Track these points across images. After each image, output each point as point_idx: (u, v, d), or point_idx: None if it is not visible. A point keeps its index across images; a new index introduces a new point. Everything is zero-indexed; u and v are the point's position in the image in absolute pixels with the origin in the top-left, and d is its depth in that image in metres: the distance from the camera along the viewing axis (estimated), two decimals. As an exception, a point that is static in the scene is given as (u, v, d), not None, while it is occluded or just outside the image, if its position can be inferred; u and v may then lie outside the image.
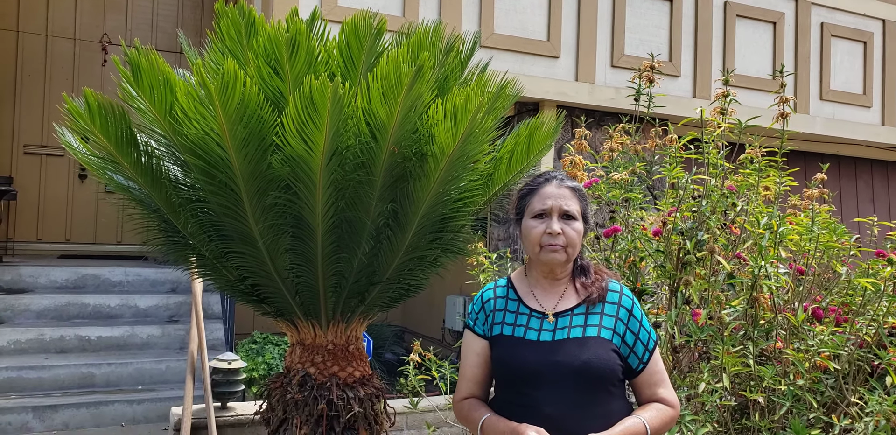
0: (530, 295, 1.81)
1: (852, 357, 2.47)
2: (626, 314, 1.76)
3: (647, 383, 1.76)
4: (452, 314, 6.99)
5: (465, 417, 1.80)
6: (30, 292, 5.60)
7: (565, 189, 1.76)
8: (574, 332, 1.71)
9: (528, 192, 1.80)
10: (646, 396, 1.76)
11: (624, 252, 2.77)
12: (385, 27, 2.46)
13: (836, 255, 2.81)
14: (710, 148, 2.67)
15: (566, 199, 1.74)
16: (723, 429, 2.48)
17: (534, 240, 1.73)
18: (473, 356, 1.82)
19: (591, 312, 1.74)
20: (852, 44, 7.22)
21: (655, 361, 1.77)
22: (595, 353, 1.67)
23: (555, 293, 1.79)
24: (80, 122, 2.24)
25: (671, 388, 1.78)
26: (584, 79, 5.90)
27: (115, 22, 8.16)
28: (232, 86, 1.97)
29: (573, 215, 1.73)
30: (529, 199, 1.78)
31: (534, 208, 1.75)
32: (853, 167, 7.82)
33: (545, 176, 1.82)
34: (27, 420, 4.36)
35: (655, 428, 1.66)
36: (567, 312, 1.75)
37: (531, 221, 1.75)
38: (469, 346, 1.84)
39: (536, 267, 1.81)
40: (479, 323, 1.83)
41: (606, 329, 1.72)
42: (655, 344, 1.78)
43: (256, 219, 2.31)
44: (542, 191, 1.76)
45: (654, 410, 1.70)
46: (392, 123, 2.12)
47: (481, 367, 1.82)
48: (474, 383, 1.83)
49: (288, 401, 2.62)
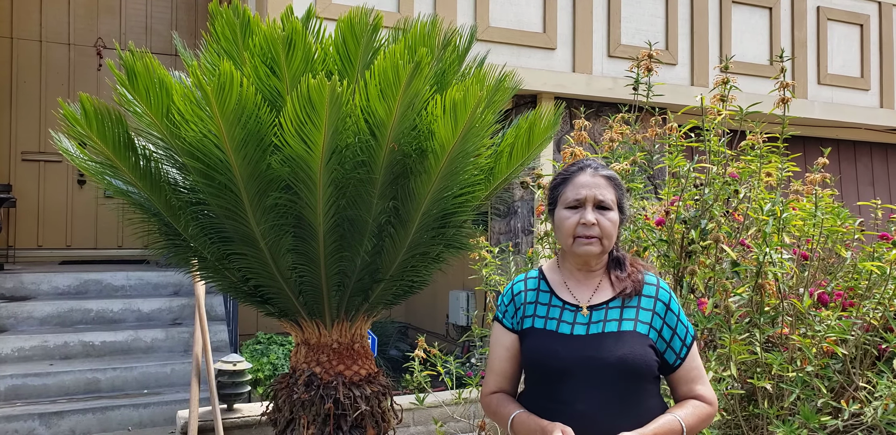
0: (563, 287, 1.74)
1: (859, 341, 2.46)
2: (664, 308, 1.70)
3: (684, 379, 1.69)
4: (456, 309, 6.99)
5: (494, 413, 1.75)
6: (32, 299, 5.60)
7: (600, 178, 1.69)
8: (609, 326, 1.65)
9: (562, 181, 1.72)
10: (682, 393, 1.70)
11: (627, 242, 2.76)
12: (381, 23, 2.44)
13: (840, 239, 2.80)
14: (710, 136, 2.65)
15: (601, 189, 1.67)
16: (731, 417, 2.48)
17: (567, 231, 1.66)
18: (502, 350, 1.77)
19: (626, 306, 1.68)
20: (849, 27, 7.19)
21: (693, 356, 1.70)
22: (631, 348, 1.61)
23: (589, 285, 1.73)
24: (76, 127, 2.23)
25: (709, 384, 1.72)
26: (581, 70, 5.88)
27: (109, 26, 8.14)
28: (229, 87, 1.95)
29: (608, 205, 1.66)
30: (563, 189, 1.71)
31: (567, 198, 1.68)
32: (852, 151, 7.81)
33: (579, 164, 1.74)
34: (34, 427, 4.36)
35: (691, 425, 1.59)
36: (602, 305, 1.69)
37: (564, 211, 1.68)
38: (498, 339, 1.79)
39: (570, 258, 1.74)
40: (509, 316, 1.77)
41: (643, 323, 1.66)
42: (693, 339, 1.72)
43: (258, 220, 2.30)
44: (576, 180, 1.69)
45: (691, 408, 1.63)
46: (391, 120, 2.11)
47: (510, 361, 1.77)
48: (503, 378, 1.78)
49: (294, 401, 2.62)
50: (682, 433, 1.57)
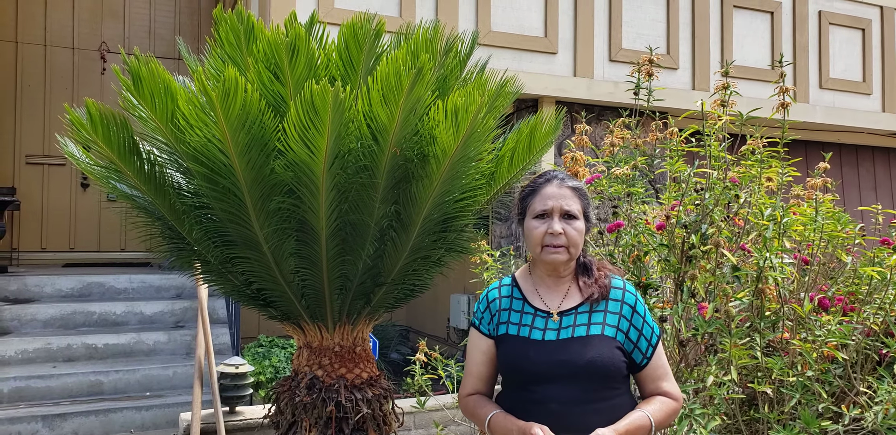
0: (535, 294, 1.83)
1: (860, 346, 2.47)
2: (630, 311, 1.78)
3: (650, 377, 1.79)
4: (457, 313, 6.99)
5: (472, 413, 1.83)
6: (36, 302, 5.62)
7: (566, 189, 1.78)
8: (578, 330, 1.74)
9: (530, 192, 1.82)
10: (650, 390, 1.79)
11: (628, 247, 2.77)
12: (384, 29, 2.46)
13: (840, 244, 2.81)
14: (711, 140, 2.66)
15: (567, 199, 1.76)
16: (731, 421, 2.48)
17: (535, 240, 1.76)
18: (479, 354, 1.86)
19: (594, 310, 1.77)
20: (851, 31, 7.20)
21: (659, 355, 1.80)
22: (599, 351, 1.70)
23: (559, 292, 1.82)
24: (82, 132, 2.25)
25: (674, 381, 1.82)
26: (582, 74, 5.89)
27: (114, 30, 8.18)
28: (233, 92, 1.97)
29: (574, 215, 1.75)
30: (531, 200, 1.80)
31: (535, 209, 1.77)
32: (854, 155, 7.81)
33: (546, 176, 1.83)
34: (37, 429, 4.38)
35: (659, 420, 1.70)
36: (571, 310, 1.78)
37: (533, 221, 1.77)
38: (475, 344, 1.88)
39: (540, 266, 1.83)
40: (485, 322, 1.86)
41: (610, 327, 1.75)
42: (659, 339, 1.81)
43: (261, 224, 2.32)
44: (543, 191, 1.78)
45: (658, 404, 1.74)
46: (393, 126, 2.13)
47: (487, 365, 1.85)
48: (479, 380, 1.86)
49: (296, 404, 2.63)
50: (651, 427, 1.67)
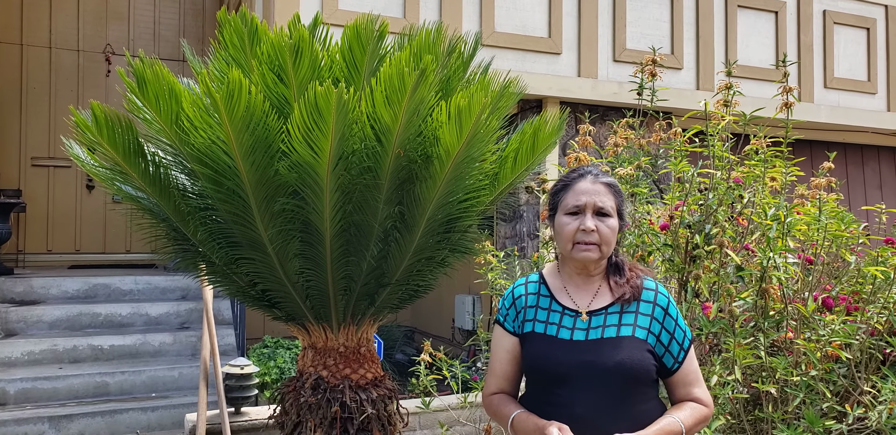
0: (563, 292, 1.77)
1: (864, 346, 2.47)
2: (662, 313, 1.72)
3: (681, 383, 1.72)
4: (462, 313, 7.00)
5: (495, 413, 1.78)
6: (42, 303, 5.64)
7: (600, 185, 1.71)
8: (608, 331, 1.67)
9: (562, 187, 1.75)
10: (680, 396, 1.73)
11: (632, 247, 2.77)
12: (387, 30, 2.46)
13: (844, 243, 2.81)
14: (714, 140, 2.66)
15: (601, 196, 1.69)
16: (736, 421, 2.48)
17: (567, 237, 1.69)
18: (503, 353, 1.80)
19: (625, 311, 1.70)
20: (855, 31, 7.18)
21: (691, 359, 1.73)
22: (629, 353, 1.64)
23: (588, 291, 1.75)
24: (87, 134, 2.26)
25: (705, 387, 1.75)
26: (586, 74, 5.89)
27: (118, 32, 8.22)
28: (237, 94, 1.98)
29: (608, 212, 1.69)
30: (563, 195, 1.73)
31: (567, 204, 1.71)
32: (860, 154, 7.79)
33: (579, 171, 1.76)
34: (44, 430, 4.40)
35: (690, 427, 1.63)
36: (601, 310, 1.71)
37: (564, 217, 1.71)
38: (499, 342, 1.81)
39: (569, 263, 1.76)
40: (510, 319, 1.80)
41: (641, 329, 1.68)
42: (691, 343, 1.74)
43: (265, 225, 2.33)
44: (577, 187, 1.72)
45: (689, 410, 1.67)
46: (397, 127, 2.13)
47: (511, 363, 1.79)
48: (504, 379, 1.80)
49: (301, 404, 2.63)
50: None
